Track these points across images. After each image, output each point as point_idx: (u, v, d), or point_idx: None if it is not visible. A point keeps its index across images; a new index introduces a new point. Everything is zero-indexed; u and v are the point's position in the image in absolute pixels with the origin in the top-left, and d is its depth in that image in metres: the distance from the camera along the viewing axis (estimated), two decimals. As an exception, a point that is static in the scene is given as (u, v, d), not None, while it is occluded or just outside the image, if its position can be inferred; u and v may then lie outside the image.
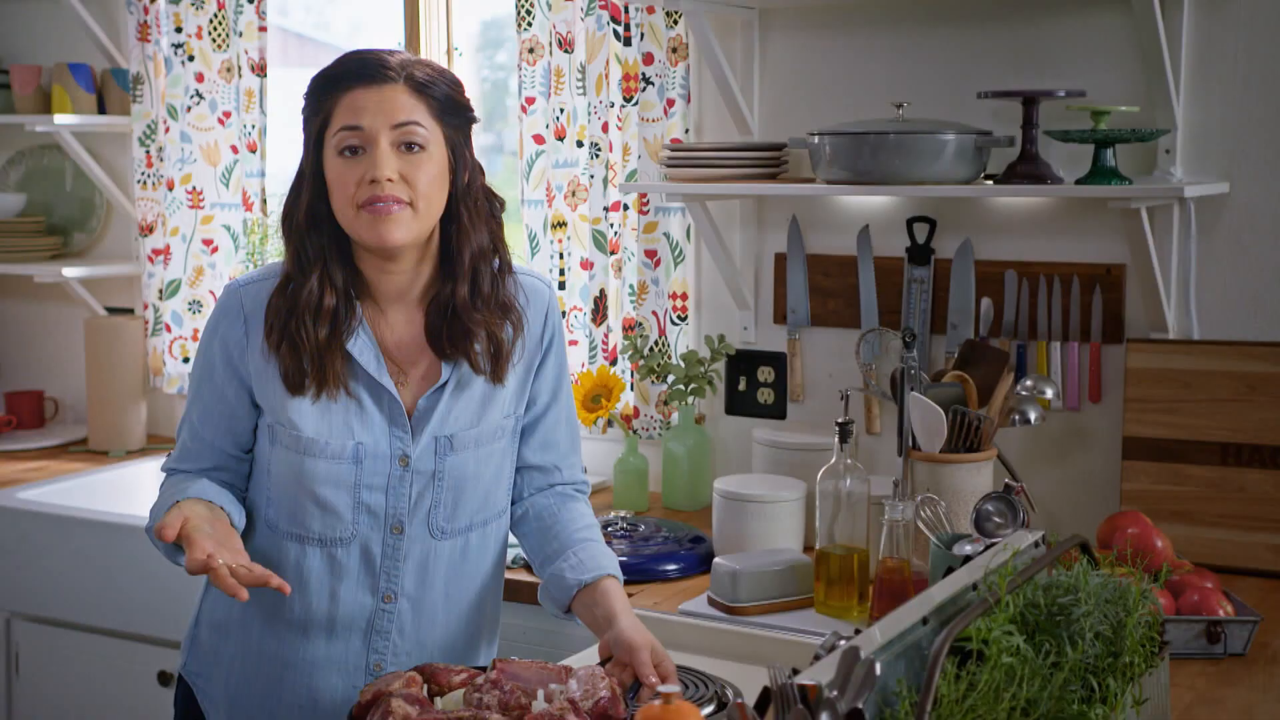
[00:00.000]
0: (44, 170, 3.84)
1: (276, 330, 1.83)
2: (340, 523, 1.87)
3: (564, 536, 1.97)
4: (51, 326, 3.85)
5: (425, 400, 1.87)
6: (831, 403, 2.87)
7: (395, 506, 1.88)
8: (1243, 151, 2.53)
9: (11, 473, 3.31)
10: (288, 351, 1.82)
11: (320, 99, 1.81)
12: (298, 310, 1.82)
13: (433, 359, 1.88)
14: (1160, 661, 1.72)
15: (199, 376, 1.90)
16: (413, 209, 1.79)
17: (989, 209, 2.74)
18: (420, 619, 1.92)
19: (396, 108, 1.78)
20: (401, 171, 1.78)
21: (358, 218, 1.79)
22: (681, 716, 1.36)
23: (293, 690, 1.91)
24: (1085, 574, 1.61)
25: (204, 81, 3.44)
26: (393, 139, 1.78)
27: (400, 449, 1.86)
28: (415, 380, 1.88)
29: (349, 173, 1.78)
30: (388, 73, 1.79)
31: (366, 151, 1.78)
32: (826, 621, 2.19)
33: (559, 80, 3.00)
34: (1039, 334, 2.68)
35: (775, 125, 2.90)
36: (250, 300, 1.86)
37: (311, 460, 1.84)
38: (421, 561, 1.90)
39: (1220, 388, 2.49)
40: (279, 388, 1.84)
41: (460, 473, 1.90)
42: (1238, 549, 2.45)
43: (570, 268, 3.06)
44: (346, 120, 1.78)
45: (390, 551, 1.89)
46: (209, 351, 1.88)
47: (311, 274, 1.82)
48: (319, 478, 1.84)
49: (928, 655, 1.43)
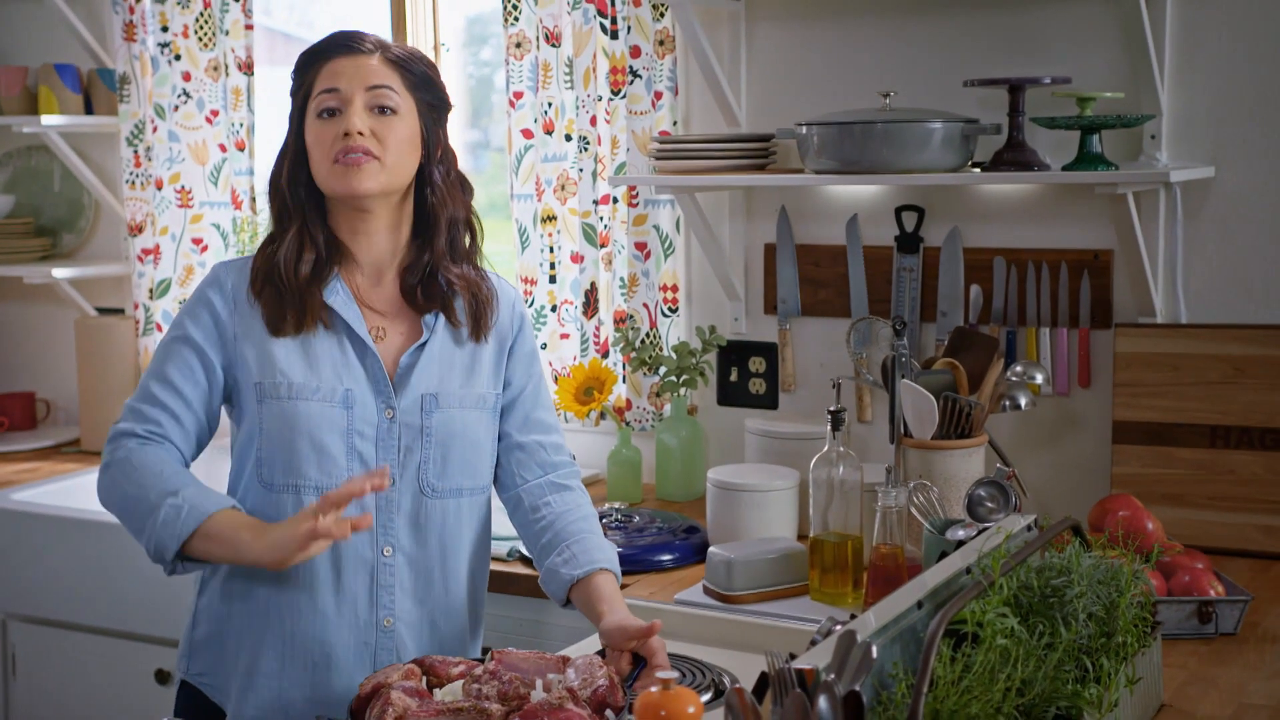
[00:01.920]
0: (32, 171, 3.84)
1: (259, 280, 1.92)
2: (336, 467, 1.90)
3: (558, 528, 2.00)
4: (42, 328, 3.85)
5: (407, 357, 1.94)
6: (823, 392, 2.88)
7: (385, 458, 1.93)
8: (1228, 136, 2.55)
9: (4, 474, 3.31)
10: (269, 295, 1.91)
11: (304, 72, 1.94)
12: (278, 260, 1.92)
13: (412, 321, 1.97)
14: (1153, 641, 1.73)
15: (174, 335, 1.94)
16: (380, 163, 1.90)
17: (977, 197, 2.75)
18: (418, 577, 1.96)
19: (370, 73, 1.91)
20: (373, 128, 1.90)
21: (331, 171, 1.90)
22: (681, 702, 1.37)
23: (305, 648, 1.92)
24: (1078, 556, 1.63)
25: (191, 80, 3.44)
26: (366, 100, 1.90)
27: (385, 402, 1.93)
28: (395, 338, 1.96)
29: (326, 132, 1.90)
30: (366, 44, 1.93)
31: (342, 112, 1.89)
32: (821, 608, 2.20)
33: (546, 74, 3.01)
34: (1028, 320, 2.69)
35: (763, 116, 2.91)
36: (229, 273, 1.96)
37: (304, 404, 1.90)
38: (413, 517, 1.95)
39: (1208, 371, 2.51)
40: (264, 336, 1.91)
41: (447, 430, 1.95)
42: (1228, 530, 2.47)
43: (561, 261, 3.07)
44: (326, 84, 1.91)
45: (384, 504, 1.93)
46: (191, 316, 1.93)
47: (293, 226, 1.94)
48: (313, 420, 1.90)
49: (923, 638, 1.44)
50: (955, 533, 2.09)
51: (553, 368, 3.10)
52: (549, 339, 3.10)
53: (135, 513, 1.86)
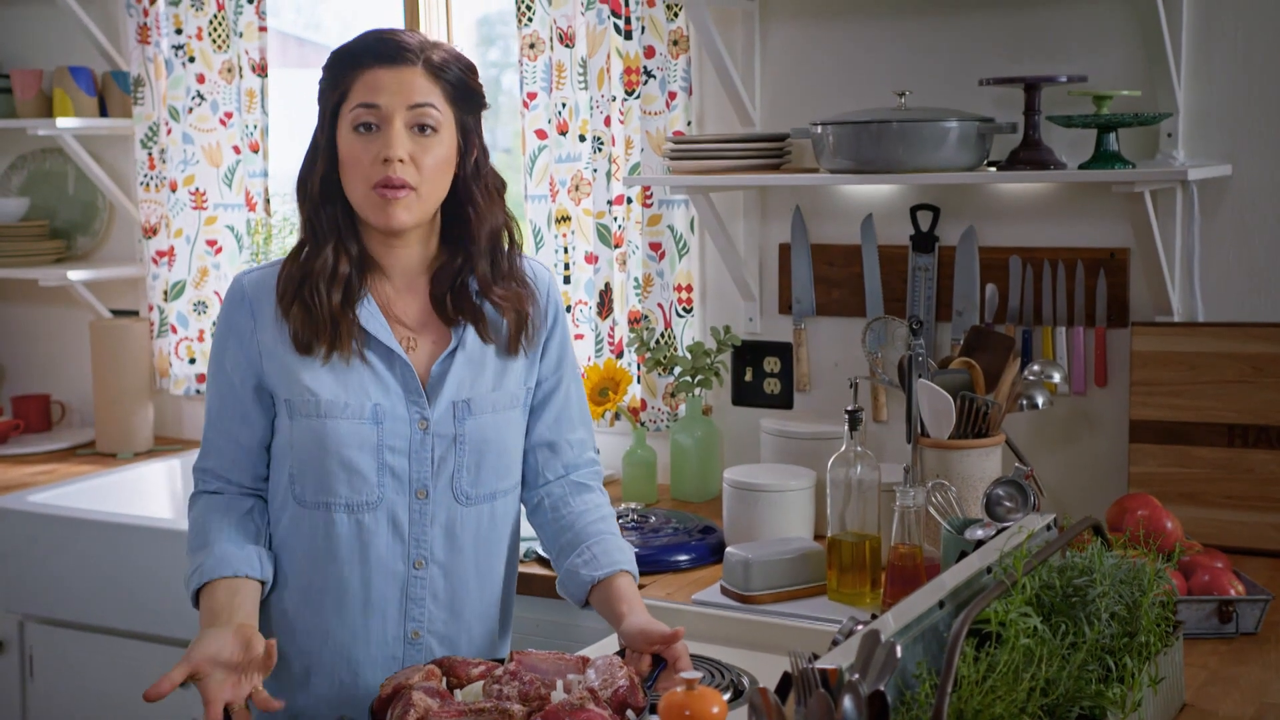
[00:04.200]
0: (46, 174, 3.85)
1: (289, 294, 1.87)
2: (366, 485, 1.88)
3: (578, 528, 1.99)
4: (57, 330, 3.86)
5: (438, 366, 1.90)
6: (838, 392, 2.88)
7: (419, 471, 1.90)
8: (1244, 133, 2.54)
9: (20, 476, 3.32)
10: (299, 313, 1.86)
11: (339, 74, 1.86)
12: (312, 276, 1.86)
13: (441, 329, 1.93)
14: (1175, 641, 1.73)
15: (213, 371, 1.94)
16: (417, 194, 1.85)
17: (992, 195, 2.75)
18: (453, 586, 1.94)
19: (413, 89, 1.83)
20: (412, 153, 1.83)
21: (367, 197, 1.84)
22: (705, 702, 1.37)
23: (331, 663, 1.92)
24: (1100, 555, 1.63)
25: (205, 83, 3.45)
26: (407, 119, 1.83)
27: (418, 413, 1.89)
28: (426, 347, 1.92)
29: (363, 149, 1.83)
30: (407, 54, 1.84)
31: (380, 129, 1.83)
32: (839, 609, 2.20)
33: (560, 75, 3.01)
34: (1044, 319, 2.69)
35: (777, 116, 2.91)
36: (253, 286, 1.91)
37: (333, 422, 1.86)
38: (448, 527, 1.92)
39: (1226, 369, 2.50)
40: (289, 353, 1.87)
41: (481, 436, 1.92)
42: (1246, 529, 2.46)
43: (575, 262, 3.07)
44: (364, 98, 1.83)
45: (417, 517, 1.90)
46: (221, 344, 1.92)
47: (326, 243, 1.88)
48: (342, 439, 1.86)
49: (945, 638, 1.44)
50: (974, 532, 2.08)
51: (567, 368, 3.10)
52: (564, 339, 3.10)
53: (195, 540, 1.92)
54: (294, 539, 1.91)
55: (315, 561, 1.91)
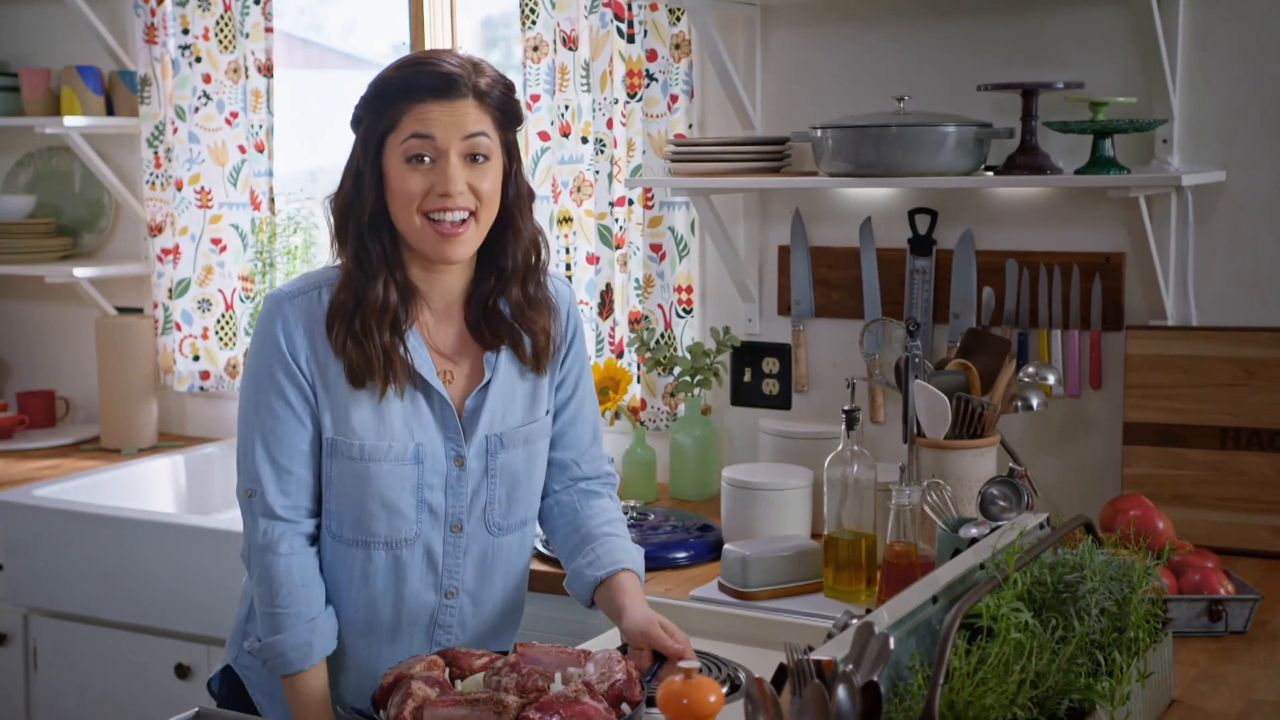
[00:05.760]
0: (53, 172, 3.88)
1: (342, 329, 1.83)
2: (405, 523, 1.89)
3: (585, 531, 2.02)
4: (62, 327, 3.89)
5: (472, 400, 1.91)
6: (836, 393, 2.91)
7: (455, 506, 1.91)
8: (1239, 140, 2.57)
9: (26, 471, 3.35)
10: (354, 349, 1.83)
11: (386, 106, 1.83)
12: (364, 310, 1.83)
13: (474, 357, 1.92)
14: (1164, 637, 1.76)
15: (262, 396, 1.86)
16: (475, 219, 1.84)
17: (990, 200, 2.78)
18: (480, 611, 1.98)
19: (467, 120, 1.82)
20: (469, 182, 1.82)
21: (423, 228, 1.83)
22: (703, 691, 1.40)
23: (355, 678, 1.93)
24: (1091, 552, 1.65)
25: (211, 82, 3.48)
26: (461, 150, 1.82)
27: (454, 450, 1.90)
28: (461, 380, 1.92)
29: (417, 181, 1.81)
30: (457, 85, 1.81)
31: (435, 162, 1.81)
32: (835, 605, 2.23)
33: (563, 77, 3.04)
34: (1040, 322, 2.72)
35: (778, 119, 2.94)
36: (297, 310, 1.85)
37: (376, 465, 1.86)
38: (481, 558, 1.95)
39: (1219, 373, 2.53)
40: (342, 386, 1.84)
41: (513, 469, 1.94)
42: (1237, 531, 2.49)
43: (576, 262, 3.10)
44: (417, 129, 1.80)
45: (451, 549, 1.93)
46: (268, 368, 1.85)
47: (378, 277, 1.84)
48: (384, 480, 1.86)
49: (938, 632, 1.47)
50: (968, 530, 2.11)
51: (568, 368, 3.13)
52: (565, 339, 3.13)
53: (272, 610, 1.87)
54: (329, 571, 1.91)
55: (349, 593, 1.92)
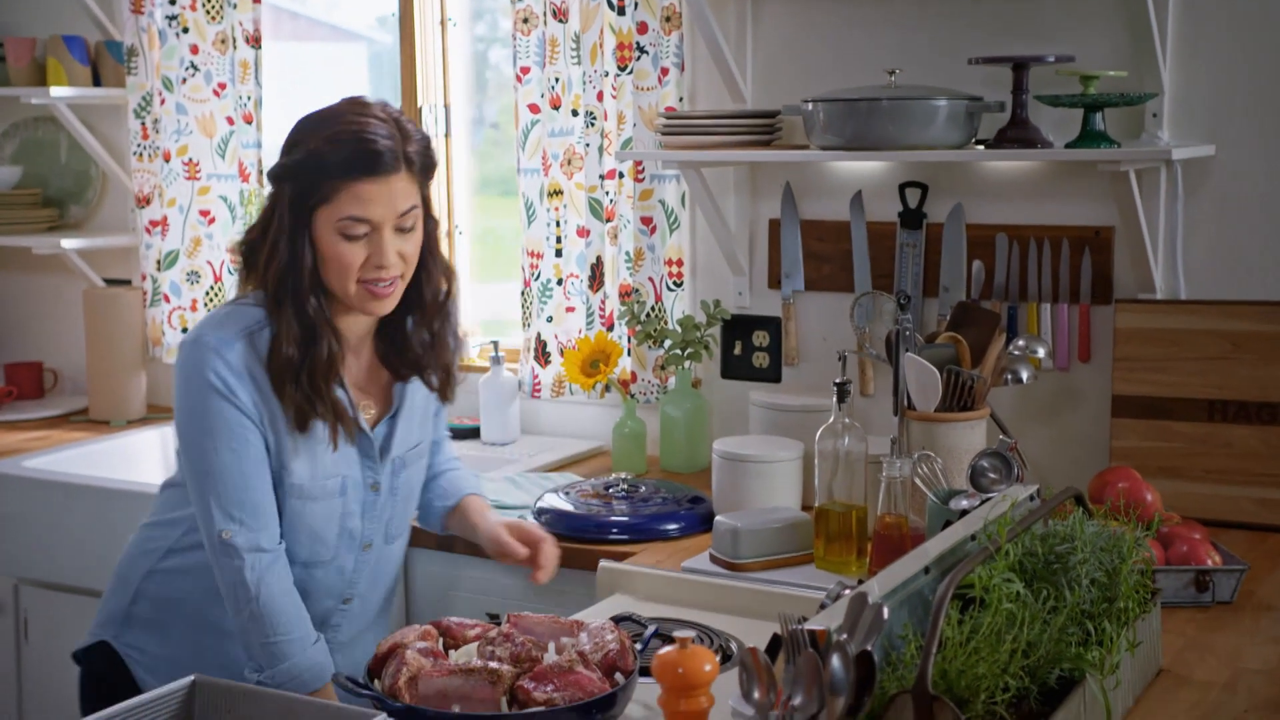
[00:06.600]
0: (39, 142, 3.86)
1: (292, 385, 1.89)
2: (325, 548, 1.99)
3: (429, 473, 2.19)
4: (50, 298, 3.88)
5: (383, 427, 2.01)
6: (826, 366, 2.92)
7: (369, 527, 2.03)
8: (1229, 114, 2.58)
9: (14, 442, 3.34)
10: (304, 403, 1.89)
11: (319, 179, 1.86)
12: (313, 367, 1.89)
13: (384, 385, 2.03)
14: (1153, 607, 1.78)
15: (215, 434, 1.88)
16: (403, 279, 1.94)
17: (980, 173, 2.78)
18: (366, 610, 2.09)
19: (400, 199, 1.88)
20: (399, 250, 1.91)
21: (358, 292, 1.91)
22: (697, 660, 1.41)
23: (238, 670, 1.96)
24: (1081, 524, 1.67)
25: (198, 53, 3.46)
26: (394, 224, 1.89)
27: (372, 477, 2.01)
28: (373, 409, 2.02)
29: (353, 254, 1.88)
30: (390, 162, 1.86)
31: (370, 236, 1.88)
32: (826, 577, 2.24)
33: (554, 50, 3.03)
34: (1029, 296, 2.73)
35: (769, 93, 2.94)
36: (236, 359, 1.88)
37: (311, 503, 1.95)
38: (376, 566, 2.07)
39: (1207, 346, 2.55)
40: (283, 427, 1.90)
41: (411, 485, 2.09)
42: (1224, 503, 2.51)
43: (567, 235, 3.10)
44: (354, 211, 1.86)
45: (359, 565, 2.04)
46: (216, 407, 1.87)
47: (321, 333, 1.90)
48: (314, 517, 1.96)
49: (930, 602, 1.48)
50: (959, 502, 2.12)
51: (558, 340, 3.13)
52: (555, 312, 3.13)
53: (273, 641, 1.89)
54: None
55: None
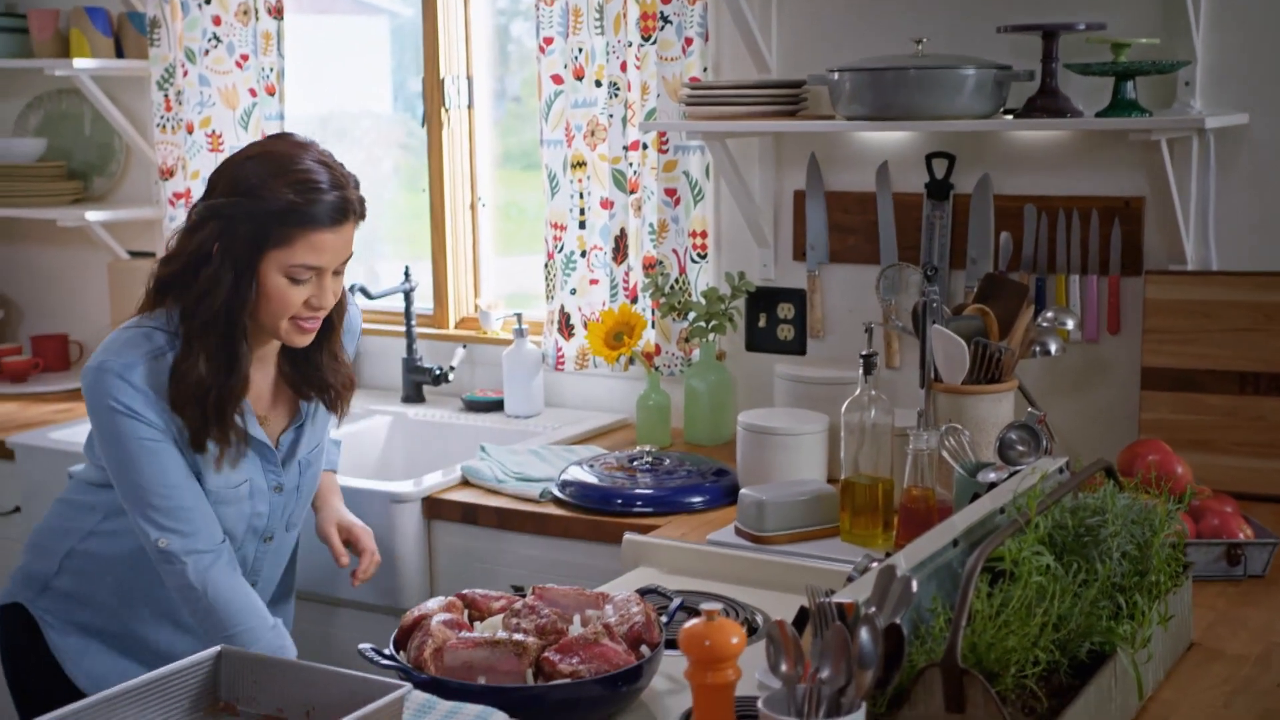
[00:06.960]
0: (63, 115, 3.85)
1: (195, 409, 1.95)
2: (233, 542, 2.07)
3: None
4: (75, 270, 3.88)
5: (288, 436, 2.11)
6: (851, 338, 2.90)
7: (273, 522, 2.13)
8: (1262, 83, 2.55)
9: (40, 414, 3.35)
10: (193, 414, 1.95)
11: (275, 224, 1.93)
12: (224, 394, 1.96)
13: (287, 400, 2.12)
14: (1184, 580, 1.76)
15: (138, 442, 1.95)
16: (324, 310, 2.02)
17: (1008, 143, 2.75)
18: (266, 592, 2.18)
19: (347, 244, 2.00)
20: (334, 290, 2.01)
21: (287, 326, 1.99)
22: (724, 633, 1.40)
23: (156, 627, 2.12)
24: (1112, 496, 1.65)
25: (221, 25, 3.45)
26: (335, 268, 2.00)
27: (275, 480, 2.10)
28: (276, 419, 2.11)
29: (296, 295, 1.97)
30: (349, 213, 1.97)
31: (313, 279, 1.97)
32: (852, 549, 2.23)
33: (577, 20, 3.01)
34: (1058, 267, 2.70)
35: (794, 62, 2.91)
36: (141, 382, 1.94)
37: (221, 506, 2.03)
38: (277, 552, 2.18)
39: (1238, 318, 2.52)
40: (185, 444, 1.98)
41: (312, 483, 2.20)
42: (1255, 475, 2.48)
43: (590, 207, 3.08)
44: (309, 259, 1.95)
45: (260, 554, 2.14)
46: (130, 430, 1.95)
47: (242, 363, 1.97)
48: (227, 517, 2.05)
49: (959, 575, 1.47)
50: (986, 475, 2.11)
51: (582, 313, 3.12)
52: (579, 284, 3.11)
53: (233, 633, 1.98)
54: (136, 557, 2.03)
55: (162, 588, 2.05)
